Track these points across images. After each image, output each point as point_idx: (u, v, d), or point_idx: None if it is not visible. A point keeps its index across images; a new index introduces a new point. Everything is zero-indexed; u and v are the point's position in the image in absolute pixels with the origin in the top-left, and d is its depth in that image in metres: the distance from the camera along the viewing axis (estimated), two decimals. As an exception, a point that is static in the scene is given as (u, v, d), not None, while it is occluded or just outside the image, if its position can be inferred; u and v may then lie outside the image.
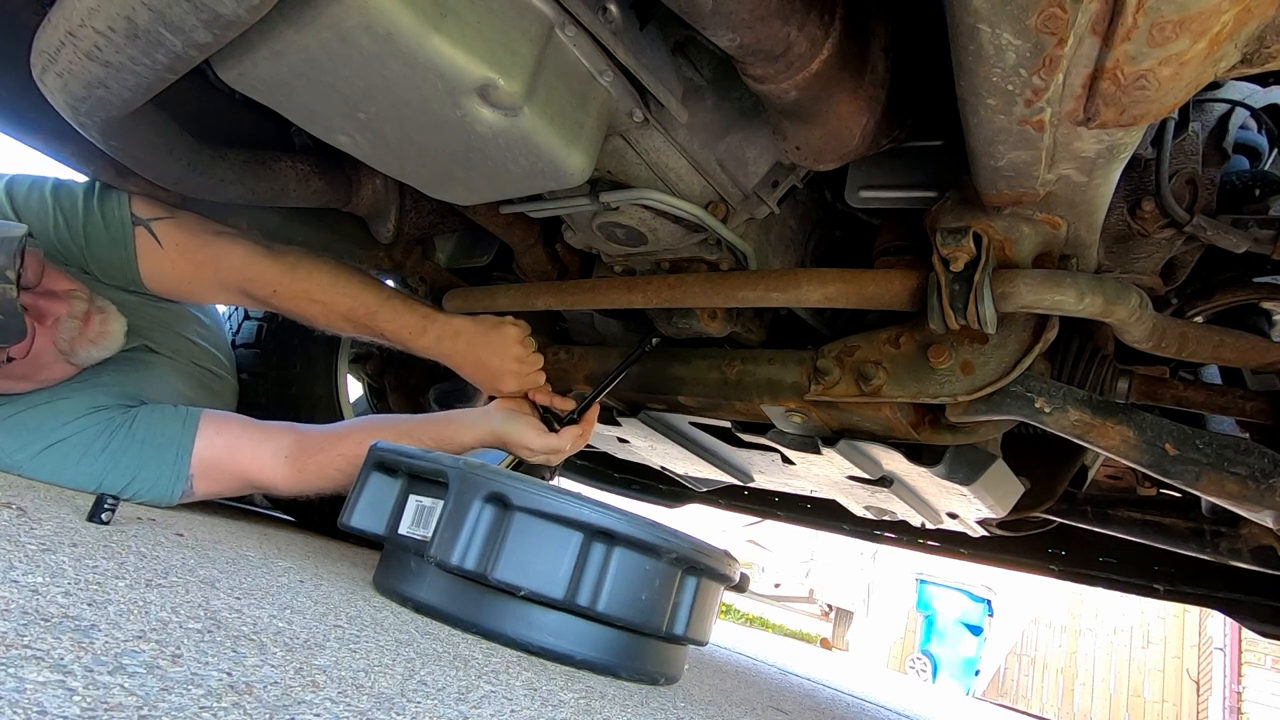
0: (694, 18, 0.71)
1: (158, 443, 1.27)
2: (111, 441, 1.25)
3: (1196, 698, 8.21)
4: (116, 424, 1.27)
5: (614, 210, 1.07)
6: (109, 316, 1.27)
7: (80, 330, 1.22)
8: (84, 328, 1.22)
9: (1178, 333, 0.98)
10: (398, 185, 1.30)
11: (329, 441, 1.35)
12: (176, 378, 1.47)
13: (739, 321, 1.26)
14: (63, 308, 1.19)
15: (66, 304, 1.20)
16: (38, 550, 0.74)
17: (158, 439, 1.28)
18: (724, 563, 1.11)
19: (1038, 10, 0.56)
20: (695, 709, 1.08)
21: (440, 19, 0.71)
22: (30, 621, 0.53)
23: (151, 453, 1.26)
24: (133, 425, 1.28)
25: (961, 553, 2.19)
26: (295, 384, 1.83)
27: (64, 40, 0.75)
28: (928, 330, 0.99)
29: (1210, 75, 0.60)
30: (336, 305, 1.37)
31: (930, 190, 0.97)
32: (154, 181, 1.07)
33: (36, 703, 0.41)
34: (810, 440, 1.20)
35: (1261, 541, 1.32)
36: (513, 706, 0.72)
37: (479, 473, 0.99)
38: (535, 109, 0.79)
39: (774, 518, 2.54)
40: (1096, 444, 0.96)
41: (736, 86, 0.97)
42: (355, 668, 0.68)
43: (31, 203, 1.29)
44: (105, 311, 1.27)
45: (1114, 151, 0.72)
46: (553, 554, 0.96)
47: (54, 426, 1.23)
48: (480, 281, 1.55)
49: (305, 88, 0.78)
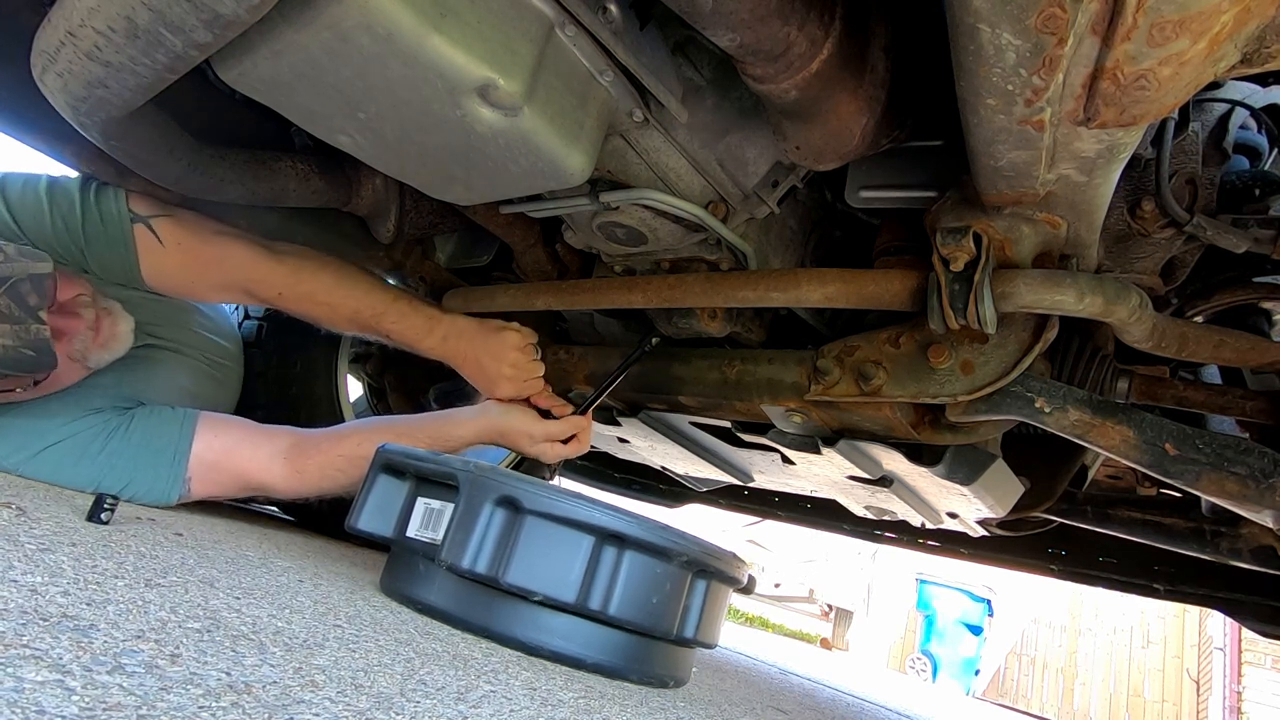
0: (694, 18, 0.71)
1: (155, 446, 1.28)
2: (109, 443, 1.25)
3: (1196, 697, 8.21)
4: (113, 426, 1.27)
5: (614, 210, 1.07)
6: (116, 318, 1.28)
7: (92, 339, 1.23)
8: (95, 336, 1.24)
9: (1178, 333, 0.97)
10: (398, 185, 1.30)
11: (328, 442, 1.35)
12: (180, 372, 1.47)
13: (739, 321, 1.26)
14: (79, 324, 1.21)
15: (80, 317, 1.21)
16: (37, 550, 0.74)
17: (155, 442, 1.28)
18: (733, 565, 1.11)
19: (1038, 10, 0.56)
20: (695, 709, 1.08)
21: (440, 19, 0.71)
22: (29, 621, 0.53)
23: (148, 456, 1.27)
24: (129, 428, 1.28)
25: (961, 552, 2.19)
26: (295, 384, 1.83)
27: (64, 40, 0.75)
28: (928, 330, 0.99)
29: (1210, 75, 0.60)
30: (342, 307, 1.37)
31: (930, 190, 0.97)
32: (154, 181, 1.07)
33: (35, 702, 0.41)
34: (810, 440, 1.20)
35: (1261, 541, 1.32)
36: (512, 706, 0.72)
37: (490, 475, 0.99)
38: (535, 109, 0.79)
39: (774, 518, 2.54)
40: (1096, 444, 0.96)
41: (736, 86, 0.97)
42: (354, 667, 0.68)
43: (27, 202, 1.29)
44: (112, 313, 1.27)
45: (1114, 151, 0.72)
46: (564, 558, 0.96)
47: (50, 428, 1.23)
48: (480, 281, 1.55)
49: (305, 88, 0.78)
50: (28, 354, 1.08)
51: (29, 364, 1.09)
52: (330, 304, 1.36)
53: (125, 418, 1.30)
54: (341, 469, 1.34)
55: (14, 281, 1.08)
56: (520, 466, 2.45)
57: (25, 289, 1.09)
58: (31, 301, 1.09)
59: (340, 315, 1.38)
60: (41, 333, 1.09)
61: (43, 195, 1.29)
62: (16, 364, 1.08)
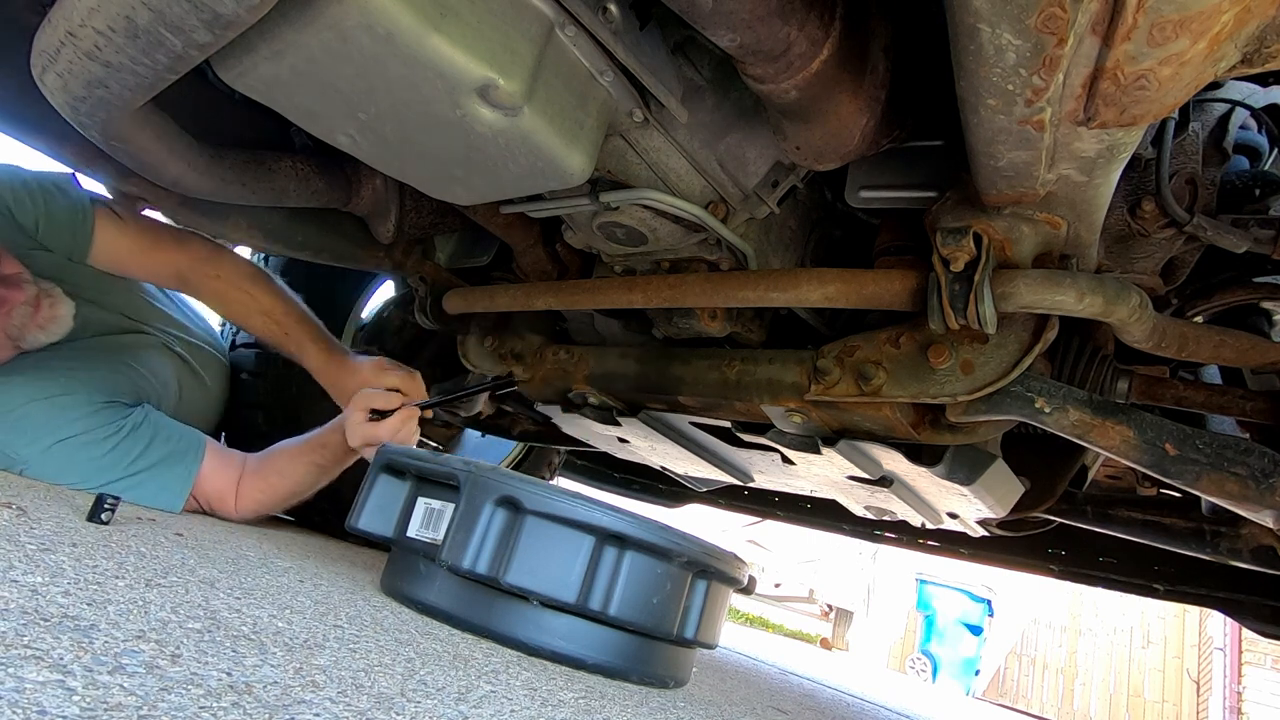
0: (694, 17, 0.71)
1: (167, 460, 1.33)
2: (121, 443, 1.27)
3: (1196, 698, 8.21)
4: (121, 426, 1.29)
5: (614, 210, 1.07)
6: (56, 300, 1.30)
7: (30, 316, 1.24)
8: (34, 313, 1.24)
9: (1178, 333, 0.97)
10: (398, 185, 1.30)
11: (261, 467, 1.45)
12: (167, 367, 1.54)
13: (739, 321, 1.26)
14: (19, 295, 1.21)
15: (22, 290, 1.21)
16: (37, 550, 0.74)
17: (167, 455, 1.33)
18: (733, 566, 1.12)
19: (1038, 10, 0.56)
20: (695, 709, 1.08)
21: (440, 19, 0.71)
22: (30, 621, 0.53)
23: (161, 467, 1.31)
24: (138, 433, 1.31)
25: (962, 553, 2.19)
26: (294, 383, 1.83)
27: (64, 40, 0.75)
28: (928, 330, 0.99)
29: (1210, 75, 0.60)
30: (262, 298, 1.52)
31: (930, 190, 0.97)
32: (154, 181, 1.07)
33: (36, 702, 0.41)
34: (810, 440, 1.20)
35: (1261, 541, 1.32)
36: (512, 706, 0.73)
37: (490, 475, 0.99)
38: (535, 109, 0.79)
39: (774, 518, 2.54)
40: (1097, 444, 0.96)
41: (736, 86, 0.97)
42: (355, 668, 0.68)
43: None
44: (52, 295, 1.30)
45: (1114, 151, 0.72)
46: (565, 558, 0.96)
47: (63, 423, 1.24)
48: (480, 281, 1.55)
49: (305, 88, 0.78)
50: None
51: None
52: (252, 294, 1.51)
53: (132, 418, 1.31)
54: (264, 492, 1.44)
55: None
56: (520, 466, 2.45)
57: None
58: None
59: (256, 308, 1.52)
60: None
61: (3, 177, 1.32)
62: None
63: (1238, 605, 1.74)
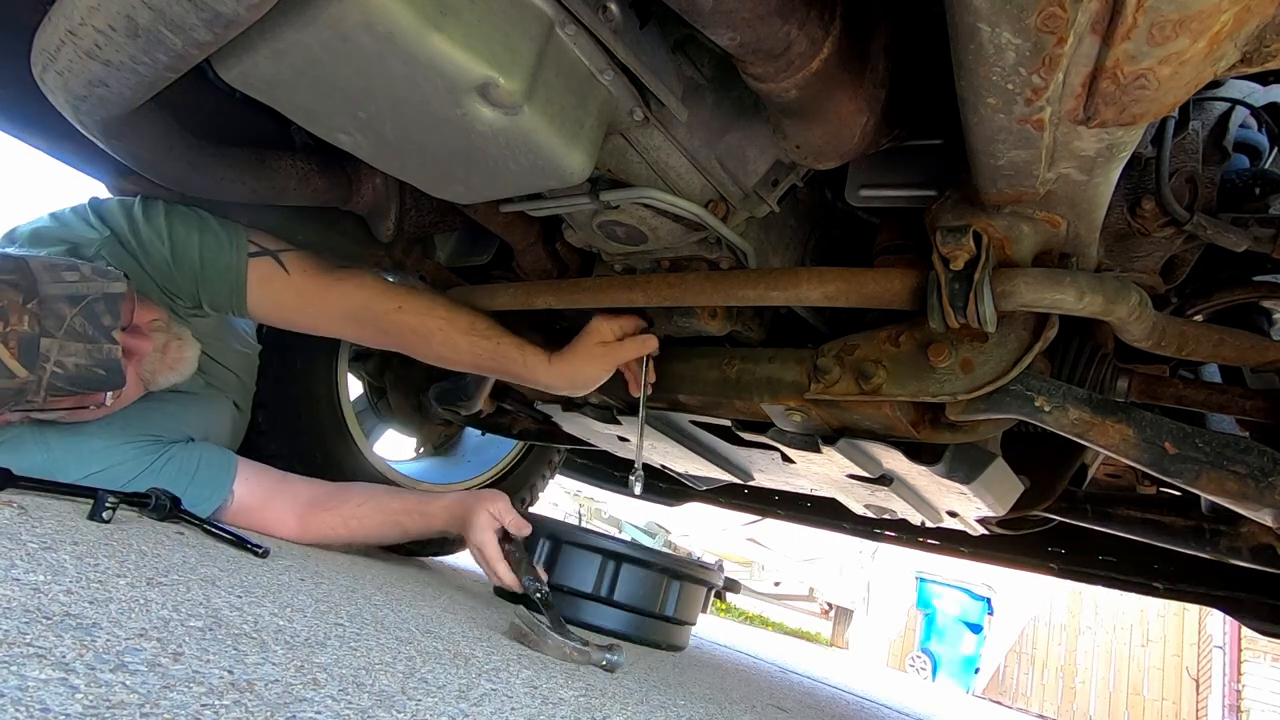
0: (694, 16, 0.71)
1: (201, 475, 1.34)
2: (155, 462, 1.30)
3: (1196, 696, 8.21)
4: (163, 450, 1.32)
5: (614, 209, 1.07)
6: (185, 343, 1.32)
7: (160, 359, 1.26)
8: (163, 357, 1.27)
9: (1177, 331, 0.97)
10: (398, 184, 1.30)
11: (334, 501, 1.44)
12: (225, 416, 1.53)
13: (739, 320, 1.26)
14: (148, 344, 1.23)
15: (150, 339, 1.23)
16: (39, 548, 0.74)
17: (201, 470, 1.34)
18: (700, 571, 1.83)
19: (1037, 9, 0.56)
20: (696, 706, 1.08)
21: (440, 18, 0.71)
22: (32, 620, 0.53)
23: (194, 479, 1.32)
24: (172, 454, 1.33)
25: (961, 551, 2.19)
26: (296, 383, 1.83)
27: (64, 39, 0.75)
28: (927, 329, 0.99)
29: (1210, 74, 0.60)
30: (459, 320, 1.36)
31: (930, 189, 0.97)
32: (155, 180, 1.07)
33: (39, 700, 0.41)
34: (810, 439, 1.20)
35: (1261, 540, 1.32)
36: (513, 704, 0.73)
37: (543, 522, 1.70)
38: (535, 108, 0.79)
39: (774, 516, 2.54)
40: (1096, 442, 0.96)
41: (737, 85, 0.97)
42: (356, 665, 0.69)
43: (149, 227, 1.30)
44: (182, 338, 1.32)
45: (1114, 150, 0.72)
46: (587, 567, 1.68)
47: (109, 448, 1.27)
48: (480, 280, 1.55)
49: (306, 87, 0.78)
50: (99, 373, 1.12)
51: (99, 382, 1.12)
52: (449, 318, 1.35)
53: (174, 447, 1.34)
54: (336, 528, 1.43)
55: (89, 301, 1.11)
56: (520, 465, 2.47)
57: (100, 309, 1.12)
58: (105, 321, 1.12)
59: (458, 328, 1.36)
60: (113, 352, 1.13)
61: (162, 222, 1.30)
62: (88, 382, 1.11)
63: (1237, 603, 1.74)
